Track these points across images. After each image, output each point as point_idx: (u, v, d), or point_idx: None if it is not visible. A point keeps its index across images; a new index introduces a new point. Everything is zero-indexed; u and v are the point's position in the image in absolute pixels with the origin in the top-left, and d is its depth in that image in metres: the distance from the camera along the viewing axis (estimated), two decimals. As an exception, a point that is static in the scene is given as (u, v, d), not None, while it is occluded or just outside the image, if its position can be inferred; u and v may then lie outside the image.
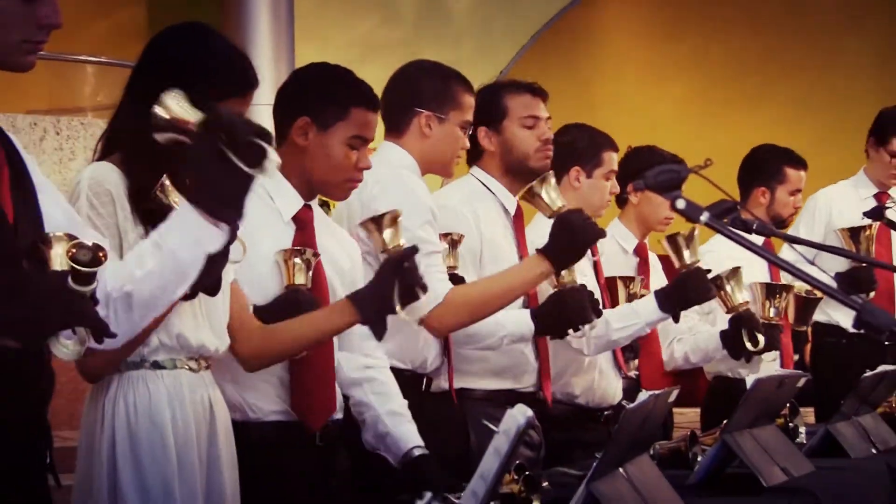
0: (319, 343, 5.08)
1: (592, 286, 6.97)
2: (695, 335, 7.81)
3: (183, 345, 4.81)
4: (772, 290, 6.62)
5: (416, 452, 5.58)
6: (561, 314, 5.68)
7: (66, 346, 3.67)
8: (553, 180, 5.24)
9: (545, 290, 6.39)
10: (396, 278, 5.01)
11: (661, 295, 6.76)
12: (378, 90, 6.07)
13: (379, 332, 5.18)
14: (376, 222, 5.16)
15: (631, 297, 6.92)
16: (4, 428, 3.90)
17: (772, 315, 6.61)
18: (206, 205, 4.05)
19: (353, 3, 14.91)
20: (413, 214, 5.91)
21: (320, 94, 5.42)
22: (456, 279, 5.66)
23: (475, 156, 6.78)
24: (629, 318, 6.76)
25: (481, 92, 6.63)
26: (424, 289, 5.15)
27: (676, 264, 6.44)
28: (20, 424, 3.95)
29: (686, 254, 6.46)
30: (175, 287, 4.33)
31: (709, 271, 6.80)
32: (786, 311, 7.62)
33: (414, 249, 5.22)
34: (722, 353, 7.56)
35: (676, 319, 6.81)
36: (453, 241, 6.22)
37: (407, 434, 5.67)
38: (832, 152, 9.95)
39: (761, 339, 6.64)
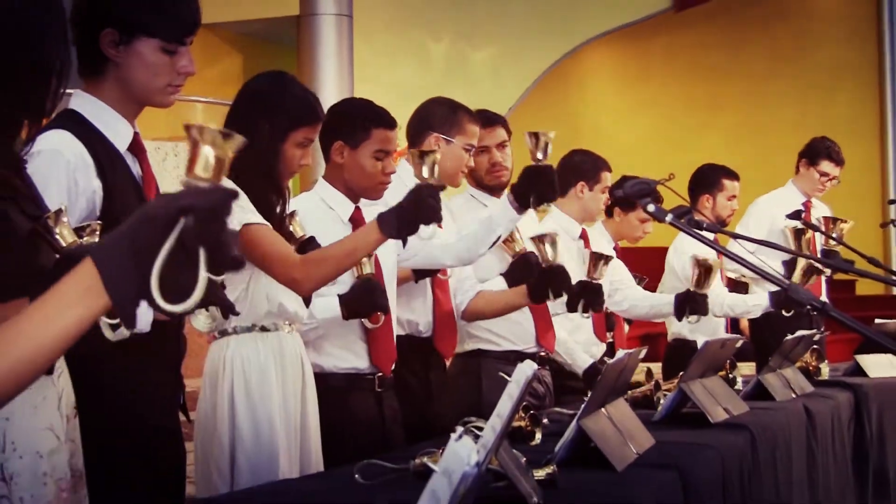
0: (354, 257, 4.90)
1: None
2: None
3: (282, 312, 4.88)
4: (597, 258, 6.55)
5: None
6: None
7: (201, 321, 3.77)
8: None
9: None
10: (418, 205, 4.84)
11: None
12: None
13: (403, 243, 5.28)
14: (421, 156, 5.11)
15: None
16: (156, 376, 4.01)
17: (597, 277, 6.56)
18: None
19: (398, 54, 14.88)
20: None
21: (348, 121, 5.42)
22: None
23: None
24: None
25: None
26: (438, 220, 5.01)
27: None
28: (165, 375, 4.05)
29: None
30: None
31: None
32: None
33: (441, 187, 5.11)
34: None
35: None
36: None
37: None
38: (760, 169, 9.96)
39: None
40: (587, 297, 6.26)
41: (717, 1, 17.14)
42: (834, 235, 7.41)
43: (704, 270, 6.95)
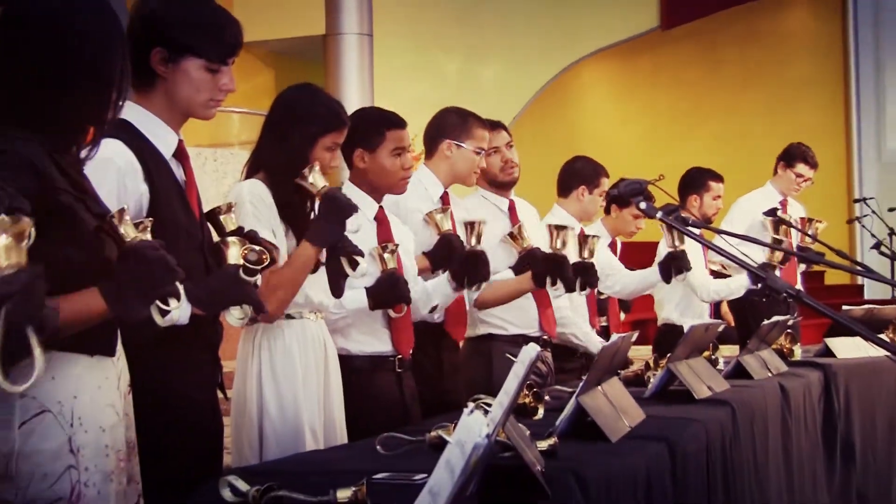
0: (303, 273, 4.74)
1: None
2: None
3: (307, 302, 4.87)
4: (558, 229, 6.56)
5: None
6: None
7: (234, 316, 3.77)
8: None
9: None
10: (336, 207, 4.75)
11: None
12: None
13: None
14: None
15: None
16: (196, 359, 4.02)
17: (558, 247, 6.55)
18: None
19: (414, 70, 14.87)
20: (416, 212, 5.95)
21: (363, 129, 5.42)
22: None
23: None
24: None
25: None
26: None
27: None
28: (205, 357, 4.05)
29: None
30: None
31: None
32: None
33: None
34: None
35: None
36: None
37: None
38: (736, 171, 9.92)
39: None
40: (582, 275, 6.24)
41: (698, 22, 17.12)
42: (810, 233, 7.39)
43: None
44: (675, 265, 6.81)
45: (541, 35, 16.10)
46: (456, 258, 5.74)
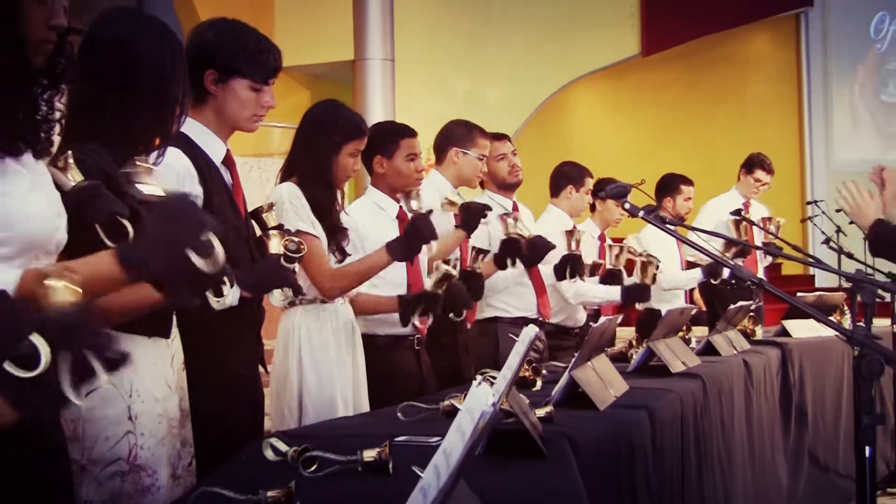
0: (369, 275, 4.99)
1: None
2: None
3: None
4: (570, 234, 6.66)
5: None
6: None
7: (276, 297, 3.78)
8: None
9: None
10: (417, 233, 4.92)
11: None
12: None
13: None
14: (406, 195, 5.24)
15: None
16: (242, 338, 4.01)
17: (573, 248, 6.64)
18: None
19: (429, 91, 14.84)
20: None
21: (380, 139, 5.44)
22: None
23: None
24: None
25: None
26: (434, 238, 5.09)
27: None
28: (249, 336, 4.05)
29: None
30: None
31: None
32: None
33: (429, 211, 5.12)
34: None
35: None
36: None
37: None
38: (708, 177, 9.92)
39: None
40: (571, 265, 6.22)
41: (674, 49, 17.08)
42: (771, 229, 7.39)
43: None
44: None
45: (538, 60, 16.09)
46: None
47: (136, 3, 17.05)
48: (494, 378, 3.41)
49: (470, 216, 5.95)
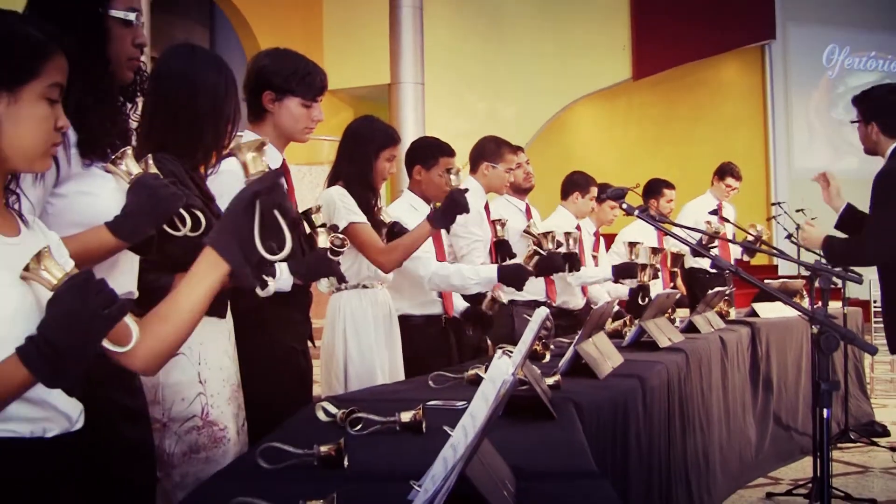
0: (415, 246, 4.80)
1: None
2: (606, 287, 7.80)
3: (378, 275, 4.88)
4: (632, 245, 6.64)
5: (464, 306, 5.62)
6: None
7: (324, 285, 3.78)
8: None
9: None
10: (454, 205, 4.79)
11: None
12: (464, 157, 6.16)
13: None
14: (448, 171, 5.14)
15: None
16: (293, 317, 4.01)
17: (633, 258, 6.66)
18: None
19: (453, 109, 14.88)
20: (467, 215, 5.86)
21: (422, 152, 5.42)
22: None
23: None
24: None
25: None
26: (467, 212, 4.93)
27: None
28: (299, 316, 4.05)
29: None
30: None
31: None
32: (665, 258, 7.65)
33: (466, 189, 4.95)
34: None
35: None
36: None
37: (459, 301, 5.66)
38: (688, 183, 9.87)
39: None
40: (569, 261, 6.19)
41: (660, 74, 17.07)
42: (753, 233, 7.37)
43: (633, 248, 6.98)
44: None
45: (546, 83, 16.10)
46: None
47: (209, 35, 17.21)
48: (511, 352, 3.39)
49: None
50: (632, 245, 7.02)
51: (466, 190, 4.89)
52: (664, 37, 16.79)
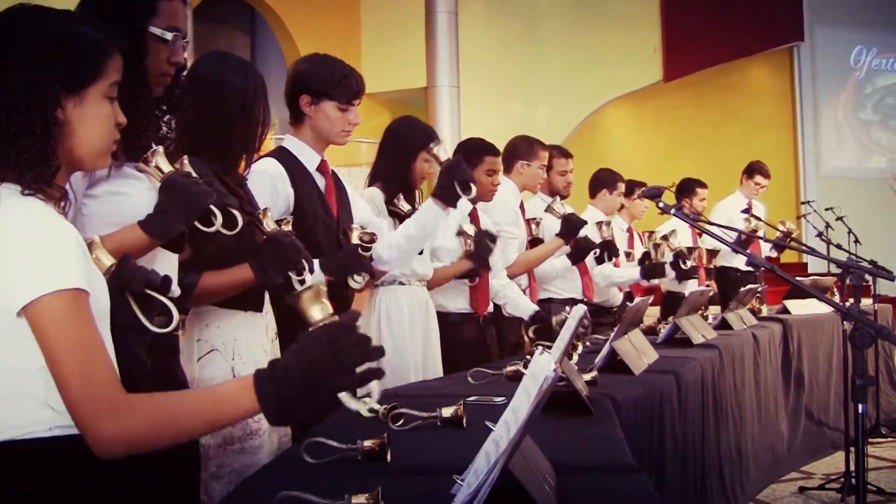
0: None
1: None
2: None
3: (412, 272, 4.88)
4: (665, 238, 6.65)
5: (534, 309, 5.55)
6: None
7: (356, 281, 3.74)
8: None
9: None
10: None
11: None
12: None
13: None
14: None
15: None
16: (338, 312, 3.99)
17: (658, 257, 6.62)
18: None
19: (488, 113, 14.88)
20: (502, 212, 5.86)
21: (468, 150, 5.43)
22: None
23: None
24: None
25: None
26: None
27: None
28: (338, 311, 4.02)
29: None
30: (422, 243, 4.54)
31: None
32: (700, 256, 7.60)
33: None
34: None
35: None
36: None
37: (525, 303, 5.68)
38: (717, 183, 9.81)
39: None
40: (607, 249, 6.16)
41: (690, 76, 17.00)
42: (783, 230, 7.33)
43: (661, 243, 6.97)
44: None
45: (577, 86, 16.08)
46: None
47: (250, 42, 17.27)
48: (549, 347, 3.38)
49: (570, 227, 5.99)
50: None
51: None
52: (694, 40, 16.72)
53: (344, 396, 1.88)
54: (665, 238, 7.15)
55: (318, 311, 2.28)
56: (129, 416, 1.82)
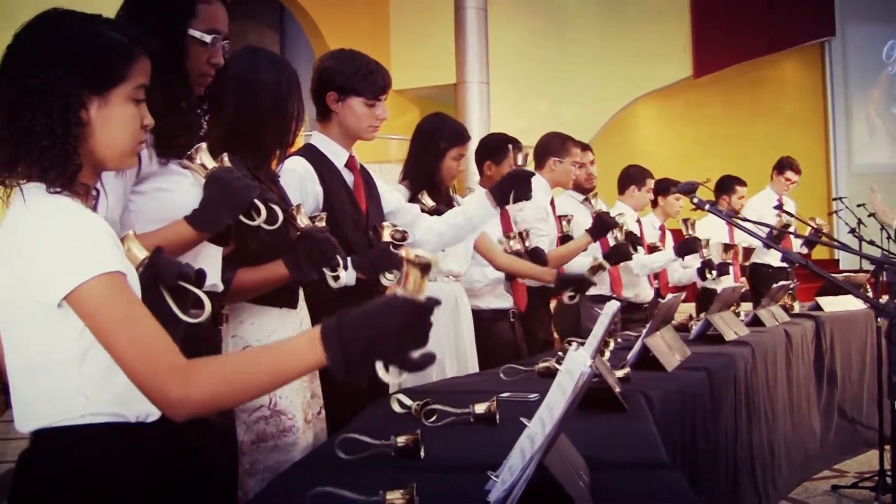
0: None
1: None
2: (677, 272, 7.67)
3: (442, 269, 4.86)
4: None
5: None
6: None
7: (388, 278, 3.73)
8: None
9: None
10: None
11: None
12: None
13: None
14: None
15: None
16: None
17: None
18: None
19: (517, 110, 14.80)
20: (532, 209, 5.82)
21: (492, 147, 5.44)
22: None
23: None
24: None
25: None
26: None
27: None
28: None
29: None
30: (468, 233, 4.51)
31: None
32: (736, 253, 7.57)
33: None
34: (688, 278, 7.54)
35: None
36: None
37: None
38: (748, 179, 9.72)
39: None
40: (633, 241, 6.13)
41: (719, 73, 16.92)
42: (814, 226, 7.29)
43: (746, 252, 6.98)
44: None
45: (606, 83, 16.04)
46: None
47: (279, 38, 17.31)
48: (582, 344, 3.37)
49: (601, 225, 5.91)
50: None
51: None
52: (724, 35, 16.63)
53: (379, 367, 1.88)
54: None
55: (413, 284, 2.28)
56: (191, 378, 1.85)
